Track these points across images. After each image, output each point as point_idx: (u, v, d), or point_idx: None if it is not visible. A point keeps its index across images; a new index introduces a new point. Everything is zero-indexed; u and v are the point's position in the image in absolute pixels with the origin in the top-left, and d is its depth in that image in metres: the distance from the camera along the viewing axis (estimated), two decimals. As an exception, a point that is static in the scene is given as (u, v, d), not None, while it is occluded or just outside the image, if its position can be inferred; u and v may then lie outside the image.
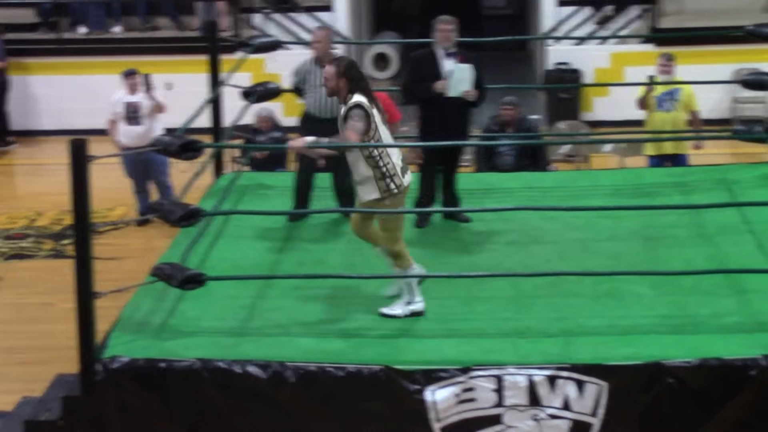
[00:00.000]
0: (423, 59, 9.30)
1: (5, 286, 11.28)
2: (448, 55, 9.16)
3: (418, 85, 9.21)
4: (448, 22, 9.21)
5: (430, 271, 8.00)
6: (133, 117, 12.86)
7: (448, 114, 9.10)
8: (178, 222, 7.45)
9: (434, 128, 9.11)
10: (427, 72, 9.14)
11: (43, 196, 14.49)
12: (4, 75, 16.96)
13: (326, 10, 18.33)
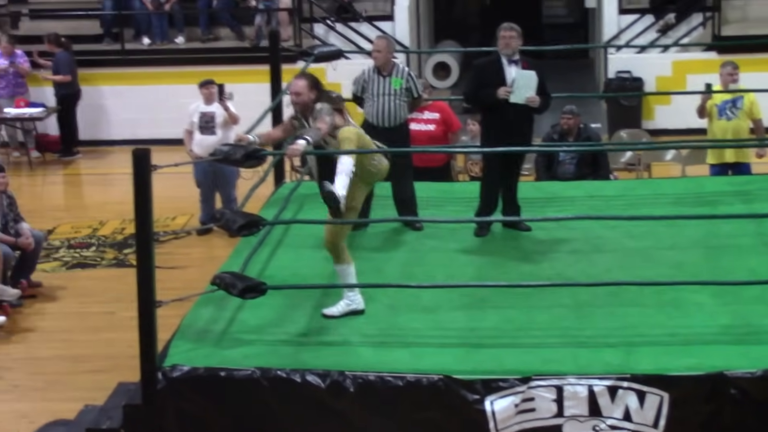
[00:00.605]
0: (486, 66, 9.28)
1: (69, 295, 11.39)
2: (511, 63, 9.12)
3: (481, 92, 9.19)
4: (511, 29, 9.17)
5: (490, 280, 7.98)
6: (208, 127, 12.93)
7: (511, 121, 9.05)
8: (239, 231, 7.51)
9: (497, 135, 9.07)
10: (490, 79, 9.12)
11: (107, 205, 14.62)
12: (74, 86, 17.13)
13: (387, 20, 18.37)
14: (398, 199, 9.56)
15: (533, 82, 9.02)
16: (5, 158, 16.80)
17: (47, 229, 13.20)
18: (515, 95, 8.99)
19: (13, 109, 16.97)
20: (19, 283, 11.16)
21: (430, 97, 12.02)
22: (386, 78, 9.44)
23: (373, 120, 9.43)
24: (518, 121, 9.08)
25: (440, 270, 8.50)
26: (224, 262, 8.64)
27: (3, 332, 10.47)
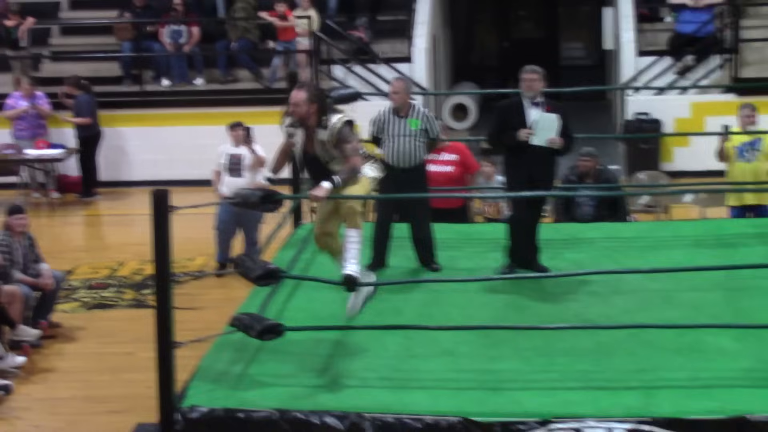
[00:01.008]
0: (509, 108, 9.30)
1: (88, 336, 11.40)
2: (533, 105, 9.15)
3: (503, 134, 9.20)
4: (533, 72, 9.20)
5: (508, 321, 7.98)
6: (235, 169, 12.95)
7: (533, 163, 9.07)
8: (258, 281, 7.54)
9: (519, 177, 9.08)
10: (512, 121, 9.14)
11: (126, 246, 14.66)
12: (95, 128, 17.22)
13: (405, 61, 18.44)
14: (416, 239, 9.57)
15: (555, 124, 9.04)
16: (26, 199, 16.88)
17: (67, 269, 13.23)
18: (536, 137, 9.01)
19: (33, 150, 17.06)
20: (38, 324, 11.19)
21: (448, 138, 12.04)
22: (403, 119, 9.47)
23: (390, 161, 9.45)
24: (540, 163, 9.10)
25: (458, 311, 8.48)
26: (242, 304, 8.66)
27: (23, 373, 10.48)
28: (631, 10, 18.50)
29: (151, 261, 7.26)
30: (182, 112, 17.95)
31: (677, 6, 18.24)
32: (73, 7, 20.67)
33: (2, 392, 9.88)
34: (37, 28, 18.85)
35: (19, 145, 17.16)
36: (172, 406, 7.08)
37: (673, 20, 18.53)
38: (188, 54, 18.68)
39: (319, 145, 7.85)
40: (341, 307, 8.52)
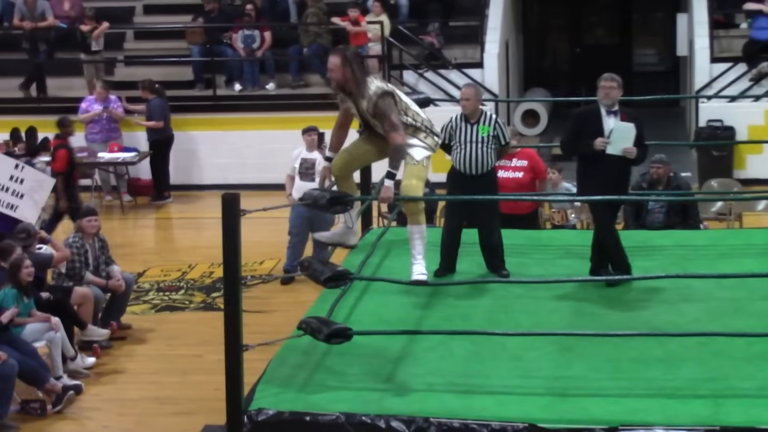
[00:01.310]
0: (585, 116, 9.22)
1: (157, 338, 11.51)
2: (610, 113, 9.06)
3: (578, 142, 9.14)
4: (611, 80, 9.10)
5: (577, 328, 7.93)
6: (308, 173, 12.99)
7: (608, 171, 8.97)
8: (326, 283, 7.56)
9: (593, 185, 9.00)
10: (588, 129, 9.06)
11: (196, 249, 14.78)
12: (167, 132, 17.38)
13: (477, 67, 18.42)
14: (485, 245, 9.54)
15: (631, 134, 8.95)
16: (98, 202, 17.08)
17: (138, 272, 13.37)
18: (612, 146, 8.92)
19: (106, 153, 17.25)
20: (109, 325, 11.32)
21: (519, 144, 11.99)
22: (474, 125, 9.44)
23: (460, 167, 9.42)
24: (615, 171, 9.00)
25: (526, 317, 8.44)
26: (311, 307, 8.68)
27: (93, 373, 10.61)
28: (705, 17, 18.31)
29: (220, 264, 7.31)
30: (253, 117, 18.06)
31: (753, 12, 18.04)
32: (147, 12, 20.87)
33: (72, 392, 10.00)
34: (111, 33, 19.06)
35: (92, 149, 17.36)
36: (240, 408, 7.12)
37: (748, 26, 18.33)
38: (260, 59, 18.79)
39: (363, 111, 7.93)
40: (410, 311, 8.55)
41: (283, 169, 13.44)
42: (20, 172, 12.13)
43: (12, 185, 11.98)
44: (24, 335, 10.09)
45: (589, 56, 23.86)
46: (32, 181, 12.23)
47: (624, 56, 23.92)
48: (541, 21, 25.14)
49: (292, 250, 13.08)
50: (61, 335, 10.26)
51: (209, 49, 18.85)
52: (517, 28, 22.03)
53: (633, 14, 24.60)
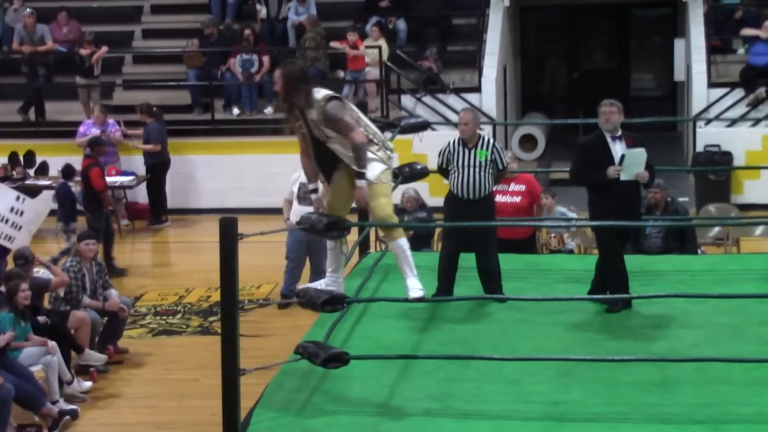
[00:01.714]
0: (591, 144, 9.19)
1: (154, 362, 11.49)
2: (614, 139, 9.05)
3: (588, 171, 9.12)
4: (611, 105, 9.09)
5: (574, 353, 7.91)
6: (306, 197, 12.97)
7: (621, 197, 8.94)
8: (323, 307, 7.55)
9: (607, 212, 8.95)
10: (596, 157, 9.02)
11: (194, 273, 14.77)
12: (164, 156, 17.39)
13: (474, 92, 18.45)
14: (483, 270, 9.53)
15: (642, 158, 8.94)
16: (96, 225, 17.05)
17: (135, 296, 13.36)
18: (625, 173, 8.90)
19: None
20: (106, 349, 11.30)
21: (516, 170, 11.99)
22: (472, 150, 9.44)
23: (458, 192, 9.42)
24: (628, 197, 8.98)
25: (524, 342, 8.44)
26: (308, 332, 8.67)
27: (90, 398, 10.59)
28: (702, 42, 18.37)
29: (217, 288, 7.31)
30: (252, 141, 18.07)
31: (750, 38, 18.08)
32: (145, 37, 20.93)
33: (69, 417, 9.98)
34: (110, 57, 19.09)
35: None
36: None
37: (745, 52, 18.37)
38: (258, 83, 18.82)
39: (313, 125, 7.90)
40: (407, 336, 8.54)
41: (281, 193, 13.42)
42: (21, 204, 12.16)
43: (12, 217, 12.02)
44: (21, 359, 10.08)
45: (587, 81, 23.91)
46: (31, 212, 12.26)
47: (621, 81, 23.96)
48: (538, 46, 25.21)
49: (289, 275, 13.07)
50: (57, 359, 10.25)
51: (207, 72, 18.88)
52: (514, 53, 22.09)
53: (630, 39, 24.66)
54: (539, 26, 25.09)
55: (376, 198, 8.06)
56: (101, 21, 20.60)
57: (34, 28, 18.99)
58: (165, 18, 21.25)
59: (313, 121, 7.91)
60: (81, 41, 18.89)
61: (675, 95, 22.32)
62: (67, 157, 17.48)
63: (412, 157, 15.10)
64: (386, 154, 8.20)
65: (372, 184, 8.03)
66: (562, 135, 21.88)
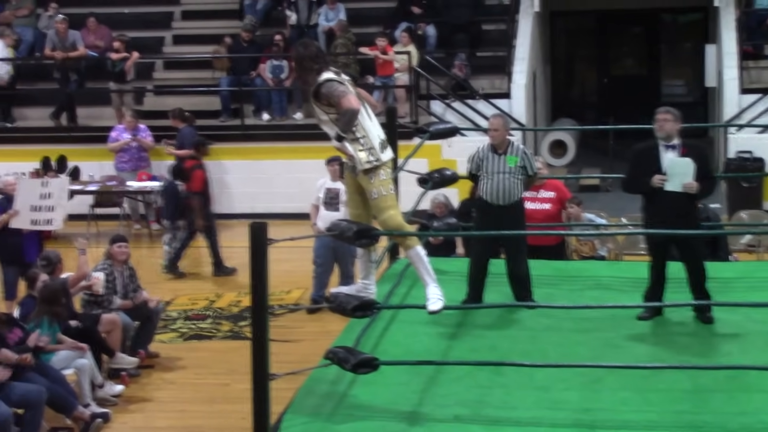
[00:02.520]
0: (644, 152, 9.08)
1: (185, 366, 11.53)
2: (668, 148, 8.92)
3: (637, 179, 9.08)
4: (666, 112, 8.96)
5: (605, 360, 7.89)
6: (332, 203, 13.02)
7: (670, 207, 8.83)
8: (353, 312, 7.56)
9: (655, 221, 8.90)
10: (646, 165, 8.93)
11: (224, 278, 14.80)
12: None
13: (504, 98, 18.43)
14: (513, 276, 9.51)
15: (689, 169, 8.79)
16: (127, 230, 17.14)
17: (165, 300, 13.40)
18: (670, 183, 8.79)
19: (135, 182, 17.34)
20: (137, 353, 11.35)
21: (545, 176, 11.95)
22: (501, 156, 9.43)
23: (488, 198, 9.41)
24: (678, 207, 8.83)
25: (554, 348, 8.41)
26: (338, 337, 8.67)
27: (121, 401, 10.63)
28: (734, 48, 18.29)
29: (248, 293, 7.32)
30: (281, 146, 18.12)
31: (782, 43, 18.02)
32: (176, 42, 21.02)
33: (100, 420, 10.03)
34: (140, 63, 19.18)
35: (122, 177, 17.46)
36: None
37: (777, 58, 18.31)
38: (288, 88, 18.87)
39: (312, 109, 7.95)
40: (437, 341, 8.53)
41: (310, 198, 13.47)
42: (47, 188, 12.51)
43: (43, 202, 12.28)
44: (53, 362, 10.13)
45: (617, 87, 23.88)
46: (56, 189, 12.54)
47: (652, 87, 23.91)
48: (568, 51, 25.18)
49: (317, 280, 13.10)
50: (89, 363, 10.30)
51: (238, 78, 18.94)
52: (544, 59, 22.06)
53: (661, 45, 24.61)
54: (569, 32, 25.06)
55: (383, 212, 7.98)
56: (132, 27, 20.70)
57: (66, 34, 19.10)
58: (195, 24, 21.36)
59: (313, 101, 7.92)
60: (111, 47, 18.98)
61: (706, 101, 22.24)
62: (98, 162, 17.68)
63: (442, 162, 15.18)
64: (367, 157, 7.95)
65: (372, 201, 7.99)
66: (593, 141, 21.85)
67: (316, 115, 8.06)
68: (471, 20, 19.59)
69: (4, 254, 12.37)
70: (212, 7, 21.55)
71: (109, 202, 17.59)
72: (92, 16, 19.88)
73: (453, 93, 18.58)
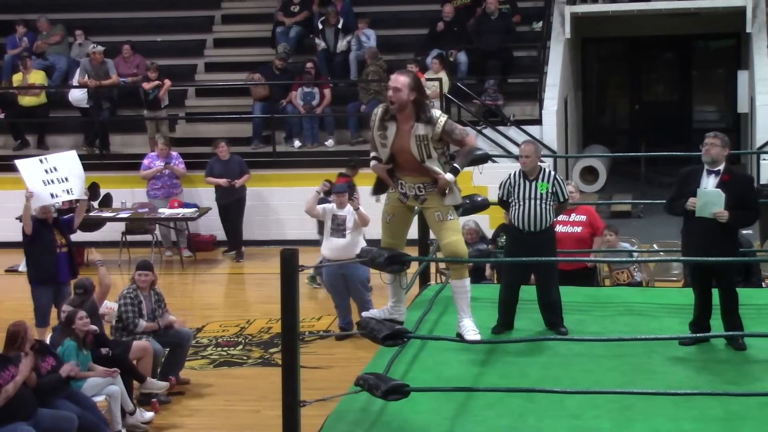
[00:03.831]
0: (689, 175, 9.07)
1: (215, 393, 11.53)
2: (710, 173, 8.91)
3: (675, 202, 9.06)
4: (714, 137, 8.95)
5: (637, 387, 7.85)
6: (339, 230, 13.02)
7: (700, 233, 8.82)
8: (384, 341, 7.56)
9: (692, 246, 8.91)
10: (688, 188, 8.94)
11: (255, 304, 14.84)
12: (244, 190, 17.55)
13: (535, 124, 18.42)
14: (543, 303, 9.49)
15: (718, 199, 8.74)
16: (158, 257, 17.21)
17: (196, 327, 13.43)
18: (700, 210, 8.79)
19: (167, 209, 17.41)
20: (168, 380, 11.36)
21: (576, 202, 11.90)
22: (533, 182, 9.42)
23: (519, 224, 9.40)
24: (711, 233, 8.78)
25: (585, 375, 8.38)
26: (368, 363, 8.67)
27: (152, 428, 10.64)
28: (766, 74, 18.23)
29: (278, 320, 7.33)
30: (312, 173, 18.14)
31: (814, 69, 17.93)
32: (208, 70, 21.14)
33: (131, 446, 10.04)
34: (173, 90, 19.29)
35: (154, 204, 17.54)
36: (297, 464, 7.11)
37: (810, 84, 18.21)
38: (320, 115, 18.93)
39: (416, 140, 7.82)
40: (467, 368, 8.50)
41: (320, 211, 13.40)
42: (48, 163, 12.55)
43: (52, 176, 12.36)
44: (84, 389, 10.16)
45: (649, 113, 23.82)
46: (60, 160, 12.60)
47: (684, 113, 23.85)
48: (600, 78, 25.15)
49: (339, 309, 13.11)
50: (120, 389, 10.32)
51: (270, 106, 19.02)
52: (575, 85, 22.04)
53: (693, 71, 24.55)
54: (600, 58, 25.04)
55: (452, 234, 7.97)
56: (165, 54, 20.84)
57: (101, 63, 19.25)
58: (227, 51, 21.48)
59: (420, 136, 7.86)
60: (145, 75, 19.11)
61: (739, 127, 22.15)
62: (130, 190, 17.76)
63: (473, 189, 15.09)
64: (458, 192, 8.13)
65: (447, 221, 7.98)
66: (623, 167, 21.80)
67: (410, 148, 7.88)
68: (502, 47, 19.60)
69: (39, 273, 12.40)
70: (245, 35, 21.66)
71: (140, 229, 17.66)
72: (126, 44, 20.02)
73: (484, 119, 18.59)
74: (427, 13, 20.90)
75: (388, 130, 7.90)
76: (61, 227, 12.58)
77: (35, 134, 19.76)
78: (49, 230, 12.40)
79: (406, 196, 8.03)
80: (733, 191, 8.81)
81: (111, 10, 22.37)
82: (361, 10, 20.94)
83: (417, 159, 7.85)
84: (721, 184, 8.85)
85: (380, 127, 7.93)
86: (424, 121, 7.79)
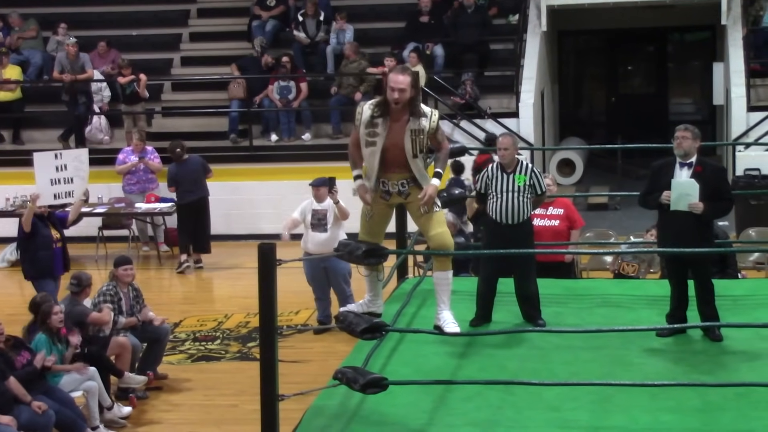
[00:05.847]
0: (661, 168, 9.08)
1: (193, 387, 11.50)
2: (683, 165, 8.92)
3: (648, 195, 9.09)
4: (685, 130, 8.94)
5: (615, 378, 7.86)
6: (320, 224, 13.02)
7: (681, 225, 8.83)
8: (362, 334, 7.56)
9: (666, 238, 8.94)
10: (661, 181, 8.96)
11: (232, 299, 14.81)
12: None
13: (512, 117, 18.45)
14: (521, 295, 9.50)
15: (693, 189, 8.77)
16: (135, 252, 17.15)
17: (174, 322, 13.39)
18: (675, 202, 8.81)
19: (143, 204, 17.35)
20: (146, 375, 11.33)
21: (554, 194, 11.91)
22: (510, 175, 9.42)
23: (496, 217, 9.40)
24: (687, 225, 8.82)
25: (563, 367, 8.39)
26: (346, 357, 8.66)
27: (129, 423, 10.62)
28: (742, 66, 18.30)
29: (256, 314, 7.31)
30: (289, 167, 18.13)
31: (789, 61, 18.02)
32: (184, 64, 21.08)
33: (109, 442, 10.01)
34: (148, 85, 19.22)
35: (130, 199, 17.48)
36: (276, 458, 7.10)
37: (785, 75, 18.32)
38: (296, 109, 18.91)
39: (410, 134, 7.85)
40: (446, 361, 8.51)
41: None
42: (61, 160, 12.79)
43: (61, 175, 12.52)
44: (61, 385, 10.13)
45: (625, 106, 23.89)
46: (72, 160, 12.68)
47: (660, 106, 23.93)
48: (576, 70, 25.21)
49: (319, 302, 13.12)
50: (98, 385, 10.29)
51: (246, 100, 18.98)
52: (552, 78, 22.08)
53: (669, 63, 24.62)
54: (577, 51, 25.11)
55: (438, 225, 8.08)
56: (141, 49, 20.77)
57: (76, 57, 19.17)
58: (203, 45, 21.43)
59: (416, 130, 7.87)
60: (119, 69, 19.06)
61: (714, 119, 22.24)
62: (106, 185, 17.67)
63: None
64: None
65: (434, 213, 8.06)
66: (600, 160, 21.86)
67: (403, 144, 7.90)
68: (479, 40, 19.61)
69: (38, 268, 12.48)
70: (221, 29, 21.61)
71: (117, 224, 17.59)
72: (101, 38, 19.96)
73: (461, 112, 18.59)
74: (404, 6, 20.91)
75: (379, 127, 7.90)
76: (55, 222, 12.63)
77: (10, 129, 19.66)
78: (45, 226, 12.50)
79: (389, 194, 8.05)
80: (706, 182, 8.84)
81: (86, 4, 22.26)
82: (338, 4, 20.94)
83: (410, 153, 7.89)
84: (695, 175, 8.88)
85: (369, 124, 7.93)
86: (418, 115, 7.84)
